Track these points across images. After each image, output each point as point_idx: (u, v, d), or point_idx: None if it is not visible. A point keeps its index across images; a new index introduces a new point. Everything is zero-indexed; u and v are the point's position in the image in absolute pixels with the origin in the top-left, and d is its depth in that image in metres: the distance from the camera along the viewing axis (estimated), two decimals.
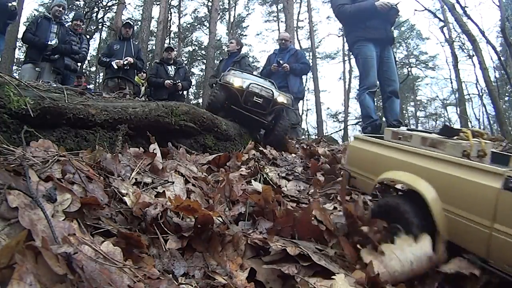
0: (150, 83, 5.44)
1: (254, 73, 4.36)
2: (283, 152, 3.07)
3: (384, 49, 4.37)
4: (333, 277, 0.91)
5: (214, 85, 5.04)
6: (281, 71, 4.95)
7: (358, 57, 4.41)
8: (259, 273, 1.00)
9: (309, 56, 19.10)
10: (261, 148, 2.86)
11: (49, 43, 4.44)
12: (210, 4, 16.10)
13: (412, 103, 24.87)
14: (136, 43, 6.09)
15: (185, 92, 7.43)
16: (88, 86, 8.34)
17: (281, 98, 3.25)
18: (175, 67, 5.40)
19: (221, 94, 3.15)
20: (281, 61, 4.89)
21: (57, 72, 4.57)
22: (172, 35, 20.01)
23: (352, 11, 4.20)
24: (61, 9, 4.67)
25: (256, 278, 0.98)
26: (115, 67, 4.96)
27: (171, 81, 5.11)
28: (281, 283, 0.98)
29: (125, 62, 5.00)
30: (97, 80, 18.19)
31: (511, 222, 0.90)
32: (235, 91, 3.13)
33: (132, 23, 5.79)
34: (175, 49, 6.66)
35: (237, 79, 3.19)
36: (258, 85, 3.17)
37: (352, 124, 18.56)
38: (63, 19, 4.85)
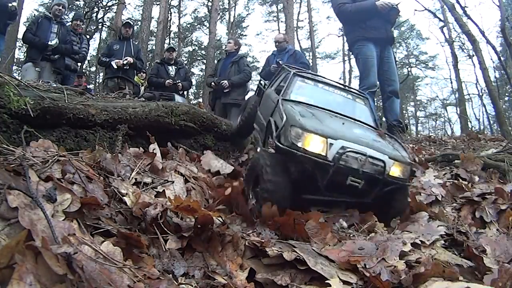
0: (150, 83, 5.45)
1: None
2: None
3: (384, 49, 4.37)
4: (327, 281, 0.91)
5: (212, 83, 5.04)
6: None
7: (358, 57, 4.41)
8: (258, 273, 1.00)
9: (309, 56, 19.12)
10: None
11: (50, 43, 4.44)
12: (210, 4, 16.10)
13: (412, 103, 24.88)
14: (136, 43, 6.10)
15: (185, 92, 7.43)
16: (88, 86, 8.34)
17: (396, 169, 1.68)
18: (175, 67, 5.40)
19: (284, 176, 1.55)
20: (280, 62, 4.89)
21: (57, 72, 4.57)
22: (172, 35, 20.02)
23: (352, 10, 4.19)
24: (61, 7, 4.66)
25: (256, 279, 0.98)
26: (115, 67, 4.96)
27: (171, 80, 5.11)
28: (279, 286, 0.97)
29: (124, 62, 5.00)
30: (97, 80, 18.19)
31: None
32: (312, 166, 1.56)
33: (132, 23, 5.80)
34: (175, 49, 6.66)
35: (316, 139, 1.56)
36: (357, 151, 1.57)
37: None
38: (63, 18, 4.84)
